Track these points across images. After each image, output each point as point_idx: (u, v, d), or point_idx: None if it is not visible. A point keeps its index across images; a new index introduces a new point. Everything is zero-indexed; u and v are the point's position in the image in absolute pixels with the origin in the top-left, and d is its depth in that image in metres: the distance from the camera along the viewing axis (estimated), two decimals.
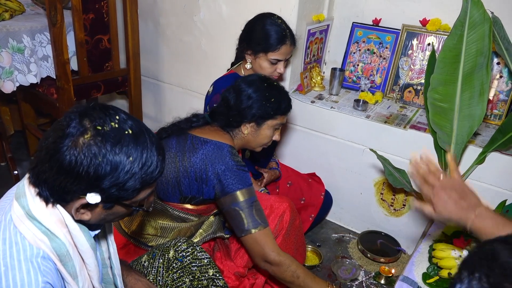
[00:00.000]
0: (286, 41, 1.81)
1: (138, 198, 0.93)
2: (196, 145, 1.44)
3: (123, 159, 0.85)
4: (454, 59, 1.59)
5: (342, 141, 2.19)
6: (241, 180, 1.41)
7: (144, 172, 0.88)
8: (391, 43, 2.30)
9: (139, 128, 0.90)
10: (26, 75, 2.20)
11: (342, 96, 2.33)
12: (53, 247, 0.89)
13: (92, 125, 0.85)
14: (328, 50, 2.57)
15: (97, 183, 0.84)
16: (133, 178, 0.87)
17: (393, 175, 1.87)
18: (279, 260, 1.40)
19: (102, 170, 0.83)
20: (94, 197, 0.86)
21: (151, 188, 0.95)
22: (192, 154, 1.43)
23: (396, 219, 2.18)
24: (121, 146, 0.85)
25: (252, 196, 1.42)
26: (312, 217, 2.13)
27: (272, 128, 1.54)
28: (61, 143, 0.83)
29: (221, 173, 1.40)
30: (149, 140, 0.90)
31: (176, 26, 2.59)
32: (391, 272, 1.97)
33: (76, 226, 0.92)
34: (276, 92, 1.52)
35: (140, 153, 0.87)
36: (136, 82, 2.61)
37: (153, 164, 0.89)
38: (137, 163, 0.87)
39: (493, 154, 1.81)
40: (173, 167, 1.45)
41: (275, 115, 1.51)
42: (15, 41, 2.12)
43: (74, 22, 2.19)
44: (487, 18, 1.50)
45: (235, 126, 1.52)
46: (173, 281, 1.25)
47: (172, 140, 1.50)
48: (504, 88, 2.05)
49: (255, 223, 1.40)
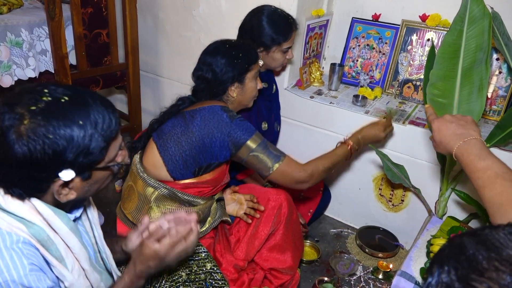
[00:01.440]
0: (293, 28, 1.87)
1: (110, 156, 0.92)
2: (193, 115, 1.50)
3: (73, 126, 0.83)
4: (454, 54, 1.59)
5: (341, 136, 2.17)
6: (246, 130, 1.48)
7: (101, 129, 0.86)
8: (391, 38, 2.29)
9: (73, 91, 0.88)
10: (25, 69, 2.19)
11: (341, 91, 2.33)
12: (32, 233, 0.88)
13: (25, 108, 0.82)
14: (328, 45, 2.56)
15: (62, 159, 0.83)
16: (93, 139, 0.85)
17: (391, 171, 1.87)
18: (308, 174, 1.54)
19: (59, 146, 0.81)
20: (67, 173, 0.84)
21: (117, 141, 0.93)
22: (192, 124, 1.48)
23: (394, 215, 2.18)
24: (65, 115, 0.83)
25: (262, 139, 1.51)
26: (311, 212, 2.14)
27: (253, 78, 1.62)
28: (5, 140, 0.80)
29: (228, 132, 1.46)
30: (90, 98, 0.88)
31: (175, 21, 2.58)
32: (389, 267, 1.98)
33: (50, 211, 0.91)
34: (240, 46, 1.60)
35: (87, 113, 0.85)
36: (135, 76, 2.60)
37: (106, 118, 0.88)
38: (89, 123, 0.85)
39: (491, 150, 1.80)
40: (179, 145, 1.48)
41: (250, 66, 1.58)
42: (13, 35, 2.11)
43: (73, 16, 2.18)
44: (486, 13, 1.49)
45: (222, 94, 1.58)
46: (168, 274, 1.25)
47: (168, 123, 1.54)
48: (503, 84, 2.05)
49: (276, 158, 1.49)
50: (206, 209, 1.62)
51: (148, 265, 1.03)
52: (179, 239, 1.02)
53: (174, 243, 1.02)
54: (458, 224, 1.67)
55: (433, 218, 1.85)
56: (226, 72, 1.54)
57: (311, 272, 2.00)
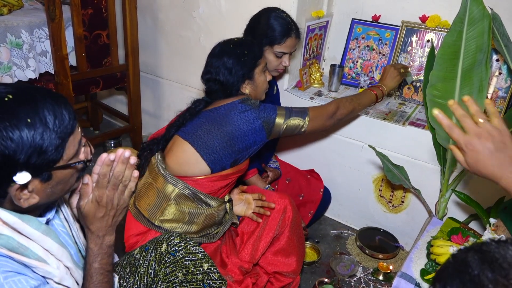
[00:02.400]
0: (291, 34, 1.83)
1: (69, 154, 0.86)
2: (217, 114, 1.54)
3: (21, 126, 0.77)
4: (453, 55, 1.59)
5: (341, 137, 2.19)
6: (270, 111, 1.57)
7: (53, 125, 0.81)
8: (391, 39, 2.29)
9: (17, 88, 0.82)
10: (25, 70, 2.19)
11: (341, 92, 2.33)
12: (1, 244, 0.84)
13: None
14: (328, 47, 2.56)
15: (13, 162, 0.77)
16: (46, 138, 0.80)
17: (392, 172, 1.87)
18: (336, 107, 1.72)
19: (8, 149, 0.76)
20: (22, 176, 0.79)
21: (76, 136, 0.88)
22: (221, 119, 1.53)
23: (394, 216, 2.18)
24: (10, 115, 0.77)
25: (285, 110, 1.61)
26: (311, 213, 2.14)
27: (262, 72, 1.66)
28: None
29: (256, 116, 1.53)
30: (37, 93, 0.82)
31: (175, 22, 2.59)
32: (389, 268, 1.98)
33: (16, 219, 0.86)
34: (244, 44, 1.63)
35: (35, 111, 0.79)
36: (135, 77, 2.60)
37: (57, 113, 0.82)
38: (38, 121, 0.79)
39: None
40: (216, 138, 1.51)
41: (257, 62, 1.62)
42: (14, 36, 2.11)
43: (73, 17, 2.18)
44: (486, 14, 1.49)
45: (235, 93, 1.61)
46: (165, 275, 1.24)
47: (193, 123, 1.57)
48: (503, 85, 2.04)
49: (303, 115, 1.63)
50: (222, 212, 1.63)
51: (99, 218, 0.96)
52: (117, 178, 0.94)
53: (115, 184, 0.94)
54: (458, 225, 1.67)
55: (433, 219, 1.85)
56: (235, 71, 1.58)
57: (311, 273, 2.00)
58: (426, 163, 1.98)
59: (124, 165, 0.94)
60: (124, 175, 0.95)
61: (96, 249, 0.98)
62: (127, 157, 0.93)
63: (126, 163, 0.94)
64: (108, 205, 0.95)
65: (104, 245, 0.99)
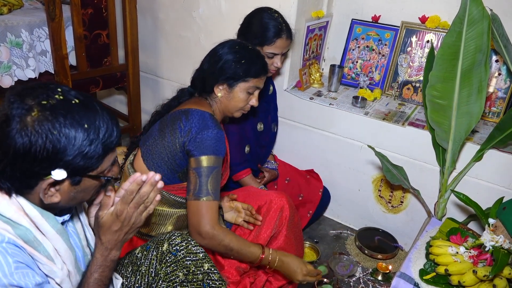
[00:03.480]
0: (281, 35, 1.81)
1: (103, 168, 0.92)
2: (173, 118, 1.47)
3: (78, 128, 0.84)
4: (453, 56, 1.59)
5: (341, 137, 2.19)
6: (212, 147, 1.40)
7: (103, 137, 0.87)
8: (390, 40, 2.29)
9: (85, 96, 0.90)
10: (25, 70, 2.19)
11: (341, 93, 2.33)
12: (18, 234, 0.88)
13: (36, 101, 0.83)
14: (327, 47, 2.56)
15: (59, 157, 0.83)
16: (93, 145, 0.86)
17: (391, 172, 1.87)
18: (212, 234, 1.38)
19: (61, 143, 0.82)
20: (60, 172, 0.84)
21: (113, 154, 0.94)
22: (170, 129, 1.45)
23: (393, 216, 2.18)
24: (72, 116, 0.84)
25: (215, 166, 1.41)
26: (310, 213, 2.14)
27: (245, 91, 1.52)
28: (8, 127, 0.80)
29: (192, 136, 1.40)
30: (98, 106, 0.90)
31: (175, 22, 2.59)
32: (388, 269, 1.98)
33: (37, 213, 0.91)
34: (248, 54, 1.50)
35: (93, 119, 0.87)
36: (134, 77, 2.60)
37: (109, 128, 0.89)
38: (93, 129, 0.86)
39: (490, 152, 1.81)
40: (160, 147, 1.46)
41: (246, 77, 1.49)
42: (14, 36, 2.11)
43: (73, 17, 2.18)
44: (486, 15, 1.50)
45: (209, 90, 1.53)
46: (166, 275, 1.24)
47: (156, 125, 1.53)
48: (502, 85, 2.05)
49: (206, 192, 1.39)
50: None
51: (113, 231, 0.99)
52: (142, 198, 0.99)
53: (137, 203, 0.99)
54: (457, 225, 1.67)
55: (432, 220, 1.85)
56: (220, 68, 1.49)
57: None
58: (425, 164, 1.98)
59: (151, 188, 0.99)
60: (148, 197, 1.00)
61: (101, 260, 1.01)
62: (157, 180, 0.99)
63: (154, 186, 0.99)
64: (125, 221, 0.99)
65: (109, 258, 1.02)
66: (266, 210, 1.61)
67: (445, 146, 1.81)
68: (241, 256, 1.45)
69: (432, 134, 1.88)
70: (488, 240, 1.36)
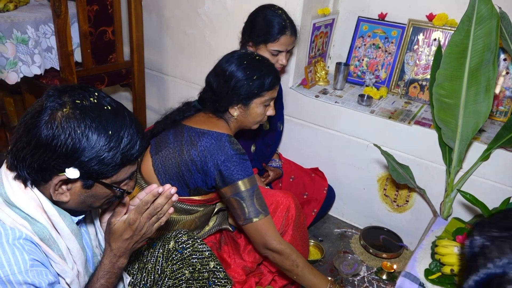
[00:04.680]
0: (285, 32, 1.80)
1: (118, 178, 0.92)
2: (193, 137, 1.43)
3: (102, 133, 0.85)
4: (461, 54, 1.57)
5: (346, 136, 2.18)
6: (242, 169, 1.40)
7: (123, 147, 0.88)
8: (397, 38, 2.28)
9: (118, 105, 0.91)
10: (30, 66, 2.19)
11: (347, 91, 2.32)
12: (35, 231, 0.89)
13: (71, 99, 0.85)
14: (333, 45, 2.55)
15: (76, 156, 0.84)
16: (112, 153, 0.87)
17: (396, 171, 1.86)
18: (280, 249, 1.42)
19: (81, 143, 0.84)
20: (73, 171, 0.85)
21: (132, 167, 0.94)
22: (191, 147, 1.42)
23: (399, 215, 2.17)
24: (100, 120, 0.86)
25: (253, 185, 1.42)
26: (315, 212, 2.13)
27: (262, 105, 1.48)
28: (38, 117, 0.83)
29: (220, 163, 1.39)
30: (129, 117, 0.91)
31: (180, 19, 2.58)
32: (393, 268, 1.97)
33: (55, 211, 0.92)
34: (258, 68, 1.44)
35: (119, 128, 0.88)
36: (139, 74, 2.60)
37: (133, 140, 0.90)
38: (116, 137, 0.87)
39: (498, 151, 1.80)
40: (174, 162, 1.44)
41: (261, 93, 1.45)
42: (19, 32, 2.12)
43: (78, 14, 2.18)
44: (494, 13, 1.48)
45: (223, 111, 1.49)
46: (172, 272, 1.25)
47: (169, 134, 1.49)
48: (510, 84, 2.03)
49: (256, 212, 1.41)
50: (204, 216, 1.60)
51: (123, 239, 1.00)
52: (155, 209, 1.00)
53: (151, 214, 1.00)
54: (463, 225, 1.66)
55: (438, 219, 1.84)
56: (233, 89, 1.42)
57: None
58: (431, 163, 1.97)
59: (166, 200, 1.00)
60: (162, 209, 1.01)
61: (109, 267, 1.02)
62: (172, 193, 1.00)
63: (169, 198, 1.00)
64: (137, 230, 1.00)
65: (116, 265, 1.03)
66: (273, 211, 1.61)
67: (452, 145, 1.80)
68: (304, 277, 1.45)
69: (438, 133, 1.87)
70: None
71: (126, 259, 1.05)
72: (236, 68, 1.43)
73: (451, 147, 1.81)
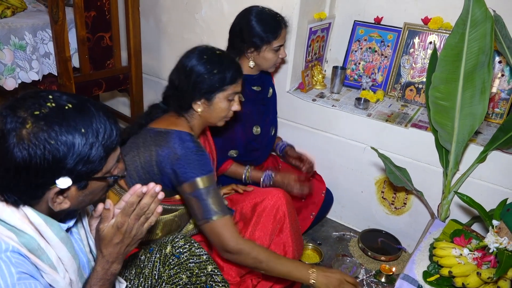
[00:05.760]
0: (282, 25, 1.84)
1: (108, 167, 0.91)
2: (152, 138, 1.41)
3: (75, 134, 0.83)
4: (456, 57, 1.59)
5: (343, 139, 2.19)
6: (200, 166, 1.36)
7: (102, 138, 0.86)
8: (393, 41, 2.29)
9: (78, 99, 0.88)
10: (28, 72, 2.20)
11: (344, 94, 2.33)
12: (22, 242, 0.87)
13: (28, 112, 0.81)
14: (330, 48, 2.56)
15: (61, 166, 0.82)
16: (94, 148, 0.85)
17: (394, 174, 1.87)
18: (238, 249, 1.36)
19: (60, 152, 0.81)
20: (64, 181, 0.84)
21: (116, 152, 0.93)
22: (150, 147, 1.40)
23: (397, 218, 2.18)
24: (68, 122, 0.83)
25: (211, 184, 1.38)
26: (313, 215, 2.13)
27: (225, 100, 1.47)
28: (6, 143, 0.80)
29: (175, 162, 1.36)
30: (93, 107, 0.88)
31: (178, 24, 2.59)
32: (392, 271, 1.98)
33: (41, 221, 0.90)
34: (218, 62, 1.43)
35: (89, 122, 0.85)
36: (137, 79, 2.61)
37: (107, 128, 0.88)
38: (91, 132, 0.85)
39: (494, 153, 1.81)
40: (137, 165, 1.42)
41: (223, 86, 1.44)
42: (17, 38, 2.12)
43: (76, 20, 2.19)
44: (489, 16, 1.49)
45: (187, 108, 1.47)
46: (169, 277, 1.25)
47: (134, 139, 1.47)
48: (505, 86, 2.04)
49: (213, 212, 1.37)
50: (185, 216, 1.57)
51: (114, 244, 0.98)
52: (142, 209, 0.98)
53: (138, 215, 0.98)
54: (461, 227, 1.66)
55: (435, 221, 1.85)
56: (194, 84, 1.42)
57: None
58: (428, 165, 1.98)
59: (152, 199, 0.98)
60: (149, 208, 0.99)
61: (102, 274, 1.00)
62: (157, 192, 0.98)
63: (154, 197, 0.98)
64: (127, 233, 0.99)
65: (109, 271, 1.01)
66: (264, 206, 1.61)
67: (448, 147, 1.81)
68: (272, 269, 1.40)
69: (435, 135, 1.88)
70: (492, 242, 1.35)
71: (120, 265, 1.03)
72: (196, 63, 1.42)
73: (448, 149, 1.82)
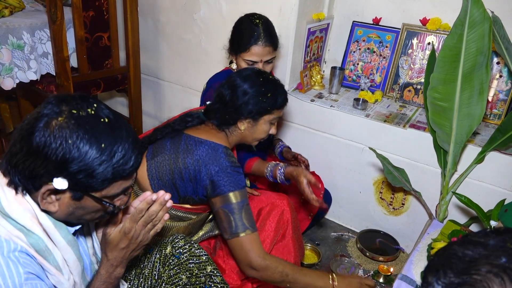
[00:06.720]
0: (257, 42, 1.76)
1: (109, 192, 0.90)
2: (190, 146, 1.43)
3: (94, 145, 0.83)
4: (454, 58, 1.59)
5: (342, 139, 2.19)
6: (234, 182, 1.39)
7: (116, 162, 0.86)
8: (391, 42, 2.30)
9: (117, 119, 0.89)
10: (26, 72, 2.20)
11: (342, 95, 2.33)
12: (30, 243, 0.88)
13: (68, 108, 0.84)
14: (328, 49, 2.56)
15: (65, 166, 0.83)
16: (103, 166, 0.84)
17: (392, 174, 1.87)
18: (265, 265, 1.36)
19: (70, 154, 0.82)
20: (61, 182, 0.84)
21: (125, 183, 0.91)
22: (186, 155, 1.42)
23: (395, 218, 2.18)
24: (93, 133, 0.84)
25: (244, 199, 1.40)
26: (311, 215, 2.14)
27: (269, 122, 1.53)
28: (34, 124, 0.83)
29: (214, 174, 1.38)
30: (126, 132, 0.89)
31: (176, 24, 2.59)
32: (390, 271, 1.98)
33: (50, 223, 0.90)
34: (272, 86, 1.49)
35: (113, 141, 0.86)
36: (135, 80, 2.61)
37: (127, 156, 0.87)
38: (109, 151, 0.85)
39: (492, 154, 1.81)
40: (168, 169, 1.44)
41: (272, 110, 1.49)
42: (15, 38, 2.12)
43: (74, 19, 2.19)
44: (487, 17, 1.50)
45: (231, 123, 1.50)
46: (169, 277, 1.25)
47: (167, 142, 1.48)
48: (503, 87, 2.05)
49: (244, 227, 1.37)
50: (198, 223, 1.60)
51: (120, 249, 0.99)
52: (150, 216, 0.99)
53: (146, 221, 0.99)
54: (459, 227, 1.66)
55: (433, 222, 1.85)
56: (246, 103, 1.45)
57: None
58: (426, 166, 1.98)
59: (161, 207, 0.99)
60: (157, 216, 1.00)
61: (105, 277, 1.01)
62: (166, 200, 0.99)
63: (163, 205, 0.99)
64: (133, 238, 0.99)
65: (113, 275, 1.02)
66: (267, 213, 1.62)
67: (447, 148, 1.81)
68: (297, 281, 1.40)
69: (433, 136, 1.88)
70: None
71: (123, 269, 1.03)
72: (251, 84, 1.46)
73: (446, 150, 1.82)
